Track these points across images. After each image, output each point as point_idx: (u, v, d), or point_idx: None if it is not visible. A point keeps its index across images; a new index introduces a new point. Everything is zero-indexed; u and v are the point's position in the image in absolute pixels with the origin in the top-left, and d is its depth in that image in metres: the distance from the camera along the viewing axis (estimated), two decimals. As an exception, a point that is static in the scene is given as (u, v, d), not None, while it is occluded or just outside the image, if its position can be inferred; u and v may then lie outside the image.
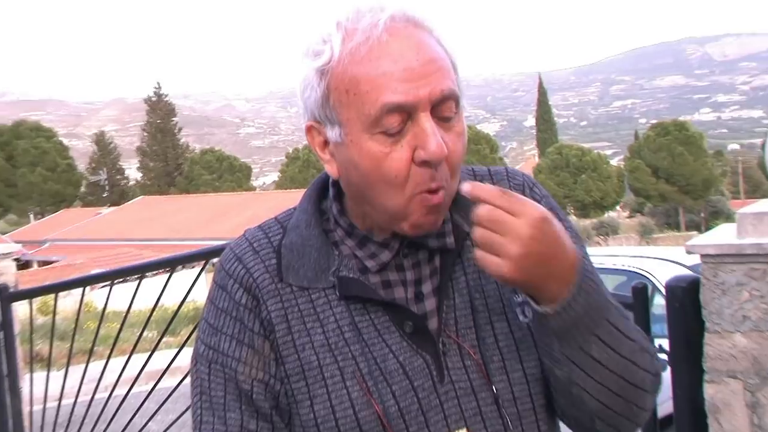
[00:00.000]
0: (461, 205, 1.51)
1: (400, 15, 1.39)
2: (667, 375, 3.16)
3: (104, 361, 4.51)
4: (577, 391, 1.47)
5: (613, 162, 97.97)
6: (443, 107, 1.38)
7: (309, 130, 1.49)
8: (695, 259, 3.04)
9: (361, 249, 1.51)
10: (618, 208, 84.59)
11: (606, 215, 74.85)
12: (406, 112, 1.36)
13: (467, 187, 1.35)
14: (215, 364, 1.52)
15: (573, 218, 71.50)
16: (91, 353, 4.78)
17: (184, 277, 4.36)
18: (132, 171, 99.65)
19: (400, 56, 1.36)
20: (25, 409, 4.79)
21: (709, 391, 2.97)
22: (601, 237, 60.01)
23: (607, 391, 1.46)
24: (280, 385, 1.49)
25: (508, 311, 1.52)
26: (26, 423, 4.78)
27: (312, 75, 1.42)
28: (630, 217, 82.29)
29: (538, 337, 1.47)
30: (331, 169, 1.48)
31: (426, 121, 1.36)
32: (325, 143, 1.47)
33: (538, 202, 1.58)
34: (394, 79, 1.35)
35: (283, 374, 1.47)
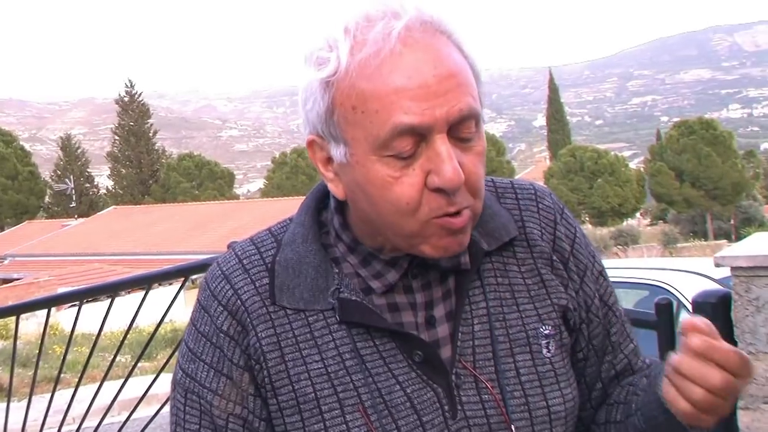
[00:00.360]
0: (482, 220, 1.50)
1: (415, 21, 1.34)
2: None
3: (72, 390, 4.50)
4: None
5: (633, 165, 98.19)
6: (462, 127, 1.35)
7: (311, 144, 1.46)
8: (725, 272, 3.04)
9: (365, 267, 1.48)
10: (638, 215, 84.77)
11: (625, 223, 74.95)
12: (420, 135, 1.32)
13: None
14: (191, 393, 1.50)
15: (588, 227, 71.79)
16: (57, 381, 4.76)
17: (161, 295, 4.36)
18: (102, 179, 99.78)
19: (415, 71, 1.31)
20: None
21: (743, 419, 2.96)
22: (620, 247, 60.07)
23: None
24: (264, 423, 1.47)
25: (532, 343, 1.51)
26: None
27: (315, 85, 1.38)
28: (651, 225, 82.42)
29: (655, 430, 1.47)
30: (336, 190, 1.45)
31: (442, 144, 1.32)
32: (329, 160, 1.44)
33: (569, 230, 1.62)
34: (408, 97, 1.31)
35: (276, 408, 1.44)
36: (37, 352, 4.92)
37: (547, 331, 1.51)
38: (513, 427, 1.46)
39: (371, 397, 1.42)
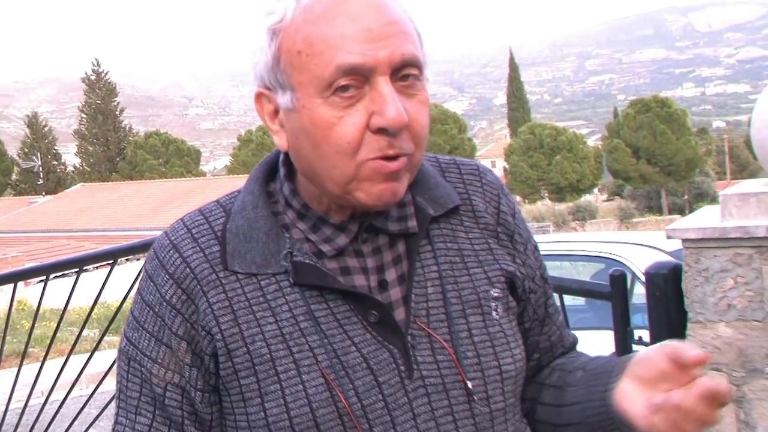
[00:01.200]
0: (425, 187, 1.53)
1: None
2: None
3: (39, 364, 4.48)
4: None
5: (590, 142, 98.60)
6: (405, 72, 1.37)
7: (258, 97, 1.47)
8: (676, 245, 3.07)
9: (314, 233, 1.48)
10: (596, 191, 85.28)
11: (583, 199, 75.40)
12: (363, 76, 1.34)
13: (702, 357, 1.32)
14: (134, 361, 1.50)
15: (547, 202, 72.11)
16: (24, 355, 4.74)
17: (127, 270, 4.33)
18: (70, 156, 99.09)
19: (359, 15, 1.34)
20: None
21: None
22: (578, 222, 60.36)
23: None
24: (200, 393, 1.47)
25: (483, 305, 1.52)
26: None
27: (263, 36, 1.41)
28: (608, 200, 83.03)
29: (594, 428, 1.48)
30: (280, 141, 1.46)
31: (385, 85, 1.34)
32: (275, 112, 1.45)
33: (510, 205, 1.64)
34: (351, 39, 1.33)
35: (231, 371, 1.43)
36: (4, 326, 4.90)
37: (496, 294, 1.53)
38: (468, 384, 1.46)
39: (327, 358, 1.41)
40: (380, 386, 1.42)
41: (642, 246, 7.76)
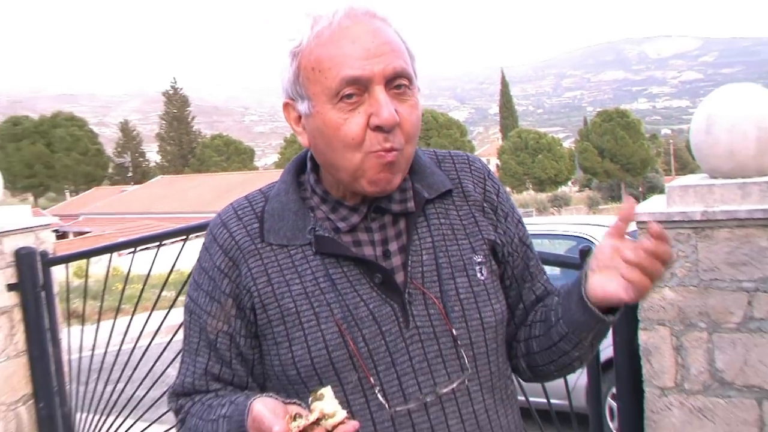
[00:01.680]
0: (422, 175, 1.55)
1: (360, 7, 1.41)
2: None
3: (129, 318, 4.51)
4: (565, 354, 1.56)
5: (566, 144, 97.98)
6: (397, 82, 1.40)
7: (285, 107, 1.51)
8: (633, 226, 3.05)
9: (333, 213, 1.51)
10: (569, 183, 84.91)
11: (559, 190, 75.37)
12: (363, 85, 1.38)
13: (657, 227, 1.34)
14: (194, 314, 1.55)
15: (531, 192, 71.91)
16: (117, 311, 4.78)
17: (196, 244, 4.35)
18: (152, 154, 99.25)
19: (358, 38, 1.38)
20: (64, 357, 4.79)
21: (642, 337, 2.99)
22: (555, 208, 60.30)
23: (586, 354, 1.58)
24: (244, 339, 1.51)
25: (468, 269, 1.53)
26: (66, 369, 4.78)
27: (286, 58, 1.45)
28: (580, 191, 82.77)
29: (577, 330, 1.50)
30: (303, 140, 1.50)
31: (380, 93, 1.38)
32: (299, 118, 1.48)
33: (495, 186, 1.65)
34: (352, 57, 1.37)
35: (266, 321, 1.47)
36: (103, 288, 4.93)
37: (479, 259, 1.54)
38: (454, 332, 1.48)
39: (341, 311, 1.44)
40: (383, 334, 1.45)
41: (605, 227, 7.72)
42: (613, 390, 5.11)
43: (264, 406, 1.29)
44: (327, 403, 1.25)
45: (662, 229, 1.32)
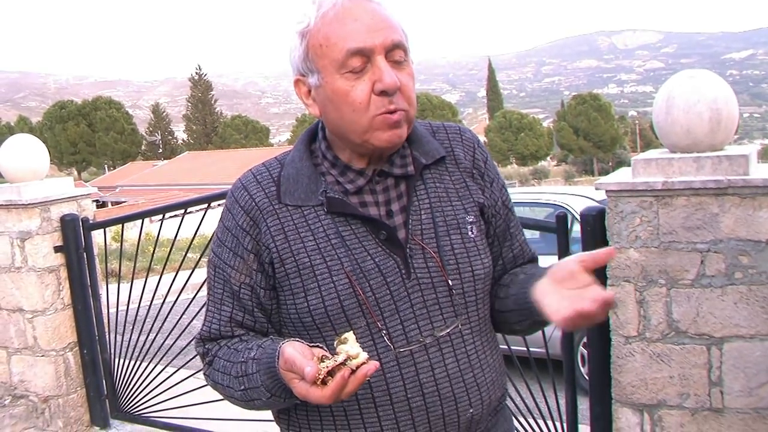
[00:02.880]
0: (420, 143, 1.55)
1: None
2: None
3: (158, 276, 4.53)
4: (510, 324, 1.62)
5: (545, 124, 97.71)
6: (395, 53, 1.41)
7: (297, 83, 1.50)
8: (603, 195, 3.06)
9: (342, 176, 1.50)
10: (548, 158, 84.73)
11: (539, 164, 75.25)
12: (366, 56, 1.39)
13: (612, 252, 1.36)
14: (218, 268, 1.54)
15: (515, 166, 71.80)
16: (149, 270, 4.80)
17: (217, 212, 4.35)
18: (180, 133, 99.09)
19: (359, 17, 1.39)
20: (104, 311, 4.82)
21: (610, 292, 3.00)
22: (536, 180, 60.19)
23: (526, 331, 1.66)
24: (263, 291, 1.50)
25: (461, 227, 1.53)
26: (105, 321, 4.81)
27: (296, 38, 1.46)
28: (557, 165, 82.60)
29: (521, 311, 1.53)
30: (314, 111, 1.50)
31: (382, 62, 1.39)
32: (309, 92, 1.48)
33: (483, 154, 1.64)
34: (355, 32, 1.38)
35: (283, 273, 1.47)
36: (135, 250, 4.95)
37: (470, 219, 1.54)
38: (449, 282, 1.49)
39: (351, 264, 1.44)
40: (388, 284, 1.46)
41: (579, 196, 7.72)
42: (585, 339, 5.16)
43: (294, 350, 1.29)
44: (351, 346, 1.26)
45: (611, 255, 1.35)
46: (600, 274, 3.03)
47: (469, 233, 1.54)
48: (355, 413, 1.47)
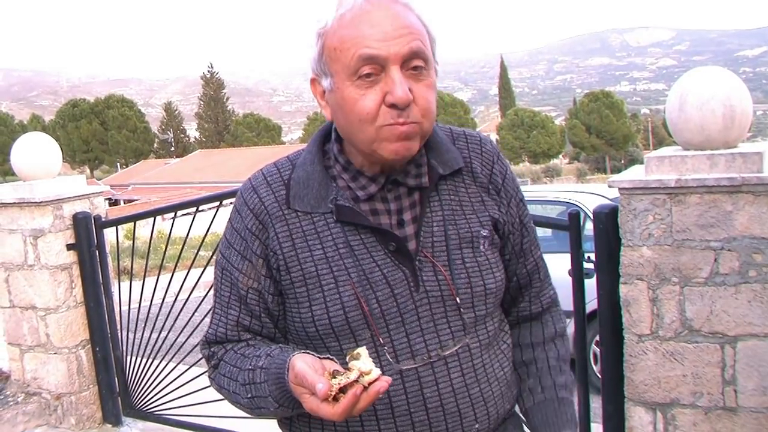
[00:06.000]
0: (438, 152, 1.50)
1: None
2: (592, 281, 3.20)
3: (171, 274, 4.54)
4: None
5: (557, 121, 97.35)
6: (413, 61, 1.34)
7: (312, 82, 1.47)
8: (615, 193, 3.04)
9: (353, 182, 1.46)
10: (560, 156, 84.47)
11: (551, 162, 75.07)
12: (380, 65, 1.32)
13: None
14: (226, 270, 1.51)
15: (527, 164, 71.72)
16: (161, 268, 4.81)
17: (229, 210, 4.35)
18: (192, 131, 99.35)
19: (378, 23, 1.32)
20: (116, 308, 4.83)
21: (623, 290, 2.98)
22: (548, 178, 60.07)
23: None
24: (271, 296, 1.47)
25: (474, 241, 1.49)
26: (117, 318, 4.83)
27: (313, 38, 1.40)
28: (569, 163, 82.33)
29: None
30: (327, 114, 1.45)
31: (395, 73, 1.32)
32: (323, 93, 1.44)
33: (502, 169, 1.59)
34: (370, 38, 1.32)
35: (289, 281, 1.44)
36: (147, 248, 4.96)
37: (484, 233, 1.50)
38: (458, 299, 1.46)
39: (358, 275, 1.41)
40: (395, 296, 1.43)
41: (592, 194, 7.69)
42: (597, 337, 5.17)
43: (305, 364, 1.26)
44: (363, 362, 1.23)
45: None
46: (613, 272, 3.02)
47: (482, 248, 1.50)
48: (356, 425, 1.46)
